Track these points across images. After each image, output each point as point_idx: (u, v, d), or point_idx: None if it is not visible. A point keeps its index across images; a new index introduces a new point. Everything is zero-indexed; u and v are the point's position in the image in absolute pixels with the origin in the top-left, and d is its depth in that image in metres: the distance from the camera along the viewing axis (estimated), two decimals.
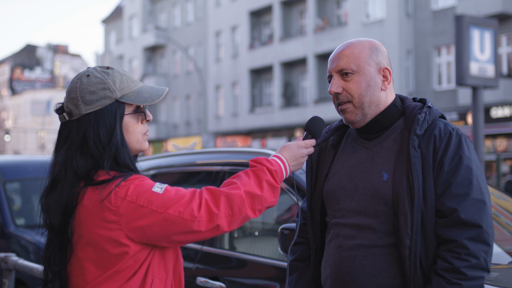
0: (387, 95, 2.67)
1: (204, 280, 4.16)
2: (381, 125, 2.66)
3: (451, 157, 2.47)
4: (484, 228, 2.39)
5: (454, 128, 2.54)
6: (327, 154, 2.81)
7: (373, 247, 2.54)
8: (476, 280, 2.37)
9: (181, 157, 5.53)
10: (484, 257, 2.38)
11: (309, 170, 2.85)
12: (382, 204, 2.53)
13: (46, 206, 2.31)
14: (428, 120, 2.55)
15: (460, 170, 2.45)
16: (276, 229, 4.93)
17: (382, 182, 2.54)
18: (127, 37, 57.23)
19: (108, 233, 2.19)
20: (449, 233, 2.41)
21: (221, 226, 2.22)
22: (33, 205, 8.78)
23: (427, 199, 2.45)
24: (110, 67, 2.39)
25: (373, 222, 2.55)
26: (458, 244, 2.38)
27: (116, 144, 2.28)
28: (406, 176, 2.48)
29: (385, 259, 2.51)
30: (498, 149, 28.10)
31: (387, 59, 2.68)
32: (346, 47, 2.67)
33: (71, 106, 2.32)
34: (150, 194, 2.19)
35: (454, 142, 2.49)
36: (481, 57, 14.67)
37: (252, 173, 2.35)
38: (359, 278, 2.54)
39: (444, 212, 2.43)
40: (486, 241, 2.39)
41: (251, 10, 42.37)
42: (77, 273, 2.27)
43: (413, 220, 2.44)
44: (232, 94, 44.26)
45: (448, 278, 2.37)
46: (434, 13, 30.82)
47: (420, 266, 2.46)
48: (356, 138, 2.74)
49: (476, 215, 2.40)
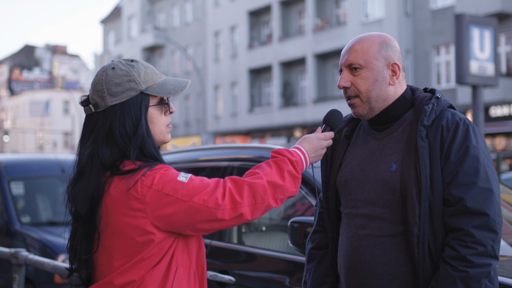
0: (396, 89, 2.70)
1: (213, 274, 4.20)
2: (391, 116, 2.70)
3: (458, 146, 2.50)
4: (490, 216, 2.42)
5: (462, 118, 2.57)
6: (340, 145, 2.85)
7: (383, 236, 2.58)
8: (483, 267, 2.40)
9: (186, 153, 5.55)
10: (491, 245, 2.41)
11: (324, 160, 2.90)
12: (391, 194, 2.57)
13: (73, 196, 2.35)
14: (436, 110, 2.59)
15: (467, 160, 2.48)
16: (282, 224, 4.98)
17: (391, 173, 2.59)
18: (125, 37, 57.19)
19: (134, 221, 2.24)
20: (456, 222, 2.44)
21: (244, 215, 2.27)
22: (37, 203, 8.83)
23: (434, 189, 2.49)
24: (135, 60, 2.44)
25: (383, 211, 2.59)
26: (465, 232, 2.41)
27: (142, 135, 2.33)
28: (413, 166, 2.52)
29: (395, 248, 2.56)
30: (497, 148, 28.14)
31: (397, 54, 2.71)
32: (356, 42, 2.72)
33: (97, 98, 2.37)
34: (175, 183, 2.24)
35: (461, 131, 2.52)
36: (481, 55, 14.70)
37: (274, 163, 2.40)
38: (370, 267, 2.59)
39: (451, 201, 2.47)
40: (493, 229, 2.42)
41: (250, 10, 42.37)
42: (103, 261, 2.32)
43: (420, 209, 2.48)
44: (231, 94, 44.26)
45: (455, 265, 2.41)
46: (433, 13, 30.85)
47: (429, 254, 2.50)
48: (367, 129, 2.79)
49: (482, 203, 2.43)
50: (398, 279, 2.55)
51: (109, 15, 63.86)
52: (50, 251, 7.56)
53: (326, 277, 2.88)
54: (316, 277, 2.89)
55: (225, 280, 4.15)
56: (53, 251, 7.54)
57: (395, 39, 2.77)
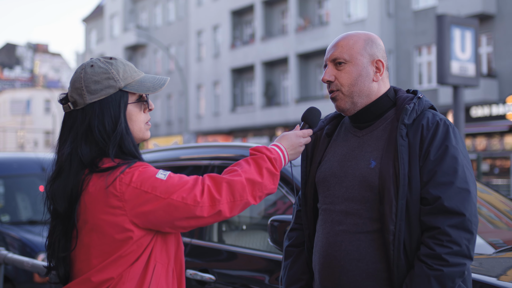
0: (379, 86, 2.72)
1: (193, 272, 4.20)
2: (372, 114, 2.72)
3: (437, 146, 2.52)
4: (467, 216, 2.43)
5: (442, 119, 2.59)
6: (321, 142, 2.87)
7: (358, 233, 2.59)
8: (457, 266, 2.41)
9: (167, 152, 5.54)
10: (466, 245, 2.42)
11: (304, 157, 2.91)
12: (369, 191, 2.59)
13: (51, 194, 2.35)
14: (417, 110, 2.61)
15: (446, 159, 2.50)
16: (262, 223, 4.98)
17: (370, 170, 2.60)
18: (108, 36, 57.02)
19: (113, 218, 2.24)
20: (433, 220, 2.45)
21: (223, 212, 2.27)
22: (17, 202, 8.77)
23: (412, 187, 2.51)
24: (113, 58, 2.44)
25: (360, 208, 2.61)
26: (441, 231, 2.43)
27: (121, 132, 2.34)
28: (392, 164, 2.54)
29: (370, 244, 2.57)
30: (478, 148, 28.34)
31: (382, 52, 2.74)
32: (342, 38, 2.75)
33: (75, 95, 2.37)
34: (154, 180, 2.25)
35: (441, 132, 2.54)
36: (462, 56, 14.80)
37: (252, 161, 2.41)
38: (345, 263, 2.60)
39: (428, 200, 2.48)
40: (468, 229, 2.43)
41: (233, 10, 42.39)
42: (81, 258, 2.32)
43: (397, 207, 2.49)
44: (213, 94, 44.25)
45: (430, 264, 2.42)
46: (415, 13, 31.00)
47: (404, 252, 2.51)
48: (349, 127, 2.81)
49: (459, 203, 2.44)
50: (372, 276, 2.56)
51: (91, 14, 63.63)
52: (30, 250, 7.51)
53: (302, 275, 2.89)
54: (291, 274, 2.90)
55: (205, 278, 4.15)
56: (32, 250, 7.50)
57: (379, 38, 2.79)
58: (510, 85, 26.95)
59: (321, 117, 2.87)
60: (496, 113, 27.41)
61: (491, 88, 27.21)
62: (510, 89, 26.88)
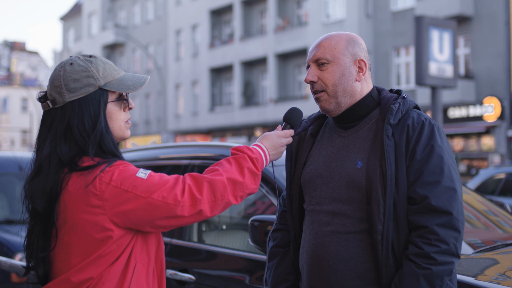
0: (362, 86, 2.73)
1: (173, 272, 4.18)
2: (357, 114, 2.72)
3: (423, 146, 2.53)
4: (454, 215, 2.45)
5: (427, 118, 2.61)
6: (305, 143, 2.87)
7: (347, 233, 2.60)
8: (445, 265, 2.43)
9: (146, 151, 5.51)
10: (454, 243, 2.45)
11: (289, 158, 2.91)
12: (356, 191, 2.59)
13: (30, 193, 2.33)
14: (402, 110, 2.62)
15: (432, 159, 2.51)
16: (242, 223, 4.98)
17: (356, 170, 2.60)
18: (86, 35, 56.73)
19: (93, 217, 2.22)
20: (420, 220, 2.47)
21: (203, 211, 2.27)
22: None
23: (399, 187, 2.52)
24: (93, 56, 2.42)
25: (347, 208, 2.61)
26: (429, 230, 2.44)
27: (101, 131, 2.32)
28: (379, 164, 2.54)
29: (358, 245, 2.58)
30: (455, 149, 28.53)
31: (364, 52, 2.75)
32: (324, 38, 2.75)
33: (54, 94, 2.34)
34: (134, 179, 2.23)
35: (426, 131, 2.56)
36: (440, 57, 14.90)
37: (233, 160, 2.41)
38: (333, 263, 2.60)
39: (415, 199, 2.49)
40: (456, 228, 2.46)
41: (212, 9, 42.33)
42: (61, 258, 2.30)
43: (385, 207, 2.50)
44: (192, 93, 44.17)
45: (419, 262, 2.43)
46: (394, 14, 31.15)
47: (392, 252, 2.52)
48: (333, 128, 2.81)
49: (446, 202, 2.46)
50: (361, 276, 2.57)
51: (69, 12, 63.24)
52: (7, 249, 7.44)
53: (288, 275, 2.89)
54: (277, 274, 2.90)
55: (185, 278, 4.14)
56: (10, 249, 7.43)
57: (361, 38, 2.80)
58: (487, 87, 27.17)
59: (303, 118, 2.87)
60: (473, 114, 27.61)
61: (469, 90, 27.40)
62: (487, 90, 27.10)
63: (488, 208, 4.86)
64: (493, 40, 27.00)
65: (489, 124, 27.04)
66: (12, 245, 7.50)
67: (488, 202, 5.01)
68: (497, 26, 26.91)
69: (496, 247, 3.96)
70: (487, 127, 27.20)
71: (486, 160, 27.43)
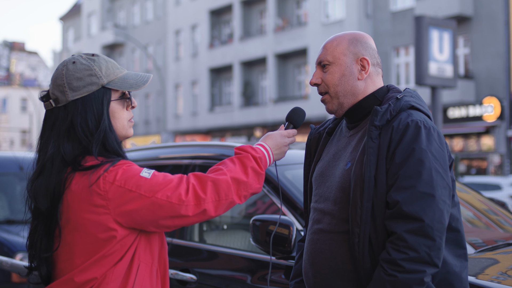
0: (366, 85, 2.70)
1: (174, 272, 4.17)
2: (359, 113, 2.71)
3: (403, 148, 2.46)
4: (426, 222, 2.36)
5: (414, 120, 2.51)
6: (322, 141, 2.89)
7: (331, 232, 2.61)
8: (414, 273, 2.35)
9: (146, 151, 5.51)
10: (426, 251, 2.35)
11: (308, 155, 2.95)
12: (341, 192, 2.59)
13: (33, 192, 2.31)
14: (391, 111, 2.55)
15: (410, 162, 2.43)
16: (244, 223, 4.97)
17: (345, 171, 2.61)
18: (85, 35, 56.71)
19: (96, 217, 2.21)
20: (392, 225, 2.41)
21: (208, 211, 2.26)
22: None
23: (378, 190, 2.47)
24: (96, 54, 2.41)
25: (334, 208, 2.62)
26: (398, 236, 2.38)
27: (104, 130, 2.31)
28: (361, 166, 2.52)
29: (341, 245, 2.57)
30: (455, 149, 28.54)
31: (369, 50, 2.71)
32: (328, 40, 2.75)
33: (57, 93, 2.33)
34: (138, 179, 2.22)
35: (410, 133, 2.47)
36: (440, 57, 14.90)
37: (237, 160, 2.40)
38: (318, 261, 2.63)
39: (390, 204, 2.44)
40: (428, 235, 2.36)
41: (211, 9, 42.33)
42: (64, 258, 2.29)
43: (362, 209, 2.47)
44: (191, 93, 44.16)
45: (386, 268, 2.38)
46: (393, 14, 31.15)
47: (371, 254, 2.48)
48: (344, 127, 2.82)
49: (419, 208, 2.38)
50: (342, 276, 2.56)
51: (68, 12, 63.21)
52: (7, 249, 7.43)
53: None
54: (296, 268, 2.97)
55: (186, 278, 4.13)
56: (10, 249, 7.42)
57: (371, 38, 2.77)
58: (487, 87, 27.18)
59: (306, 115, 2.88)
60: (473, 114, 27.62)
61: (468, 90, 27.41)
62: (487, 90, 27.11)
63: (489, 208, 4.86)
64: (493, 40, 27.01)
65: (488, 124, 27.06)
66: (12, 245, 7.50)
67: (489, 201, 5.01)
68: (496, 26, 26.92)
69: (497, 247, 3.97)
70: (487, 127, 27.21)
71: (485, 160, 27.44)
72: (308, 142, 2.95)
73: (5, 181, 8.99)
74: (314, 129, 2.98)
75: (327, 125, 2.93)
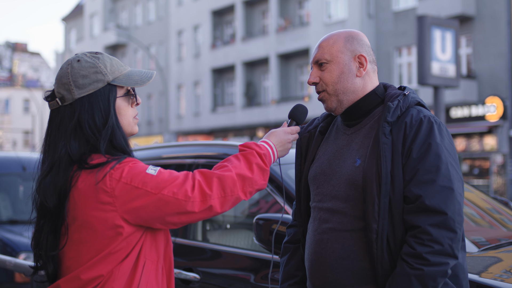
0: (365, 82, 2.72)
1: (178, 271, 4.18)
2: (360, 111, 2.72)
3: (420, 144, 2.50)
4: (449, 215, 2.41)
5: (427, 115, 2.57)
6: (315, 140, 2.88)
7: (344, 231, 2.60)
8: (439, 266, 2.40)
9: (149, 151, 5.52)
10: (449, 244, 2.40)
11: (299, 155, 2.93)
12: (353, 189, 2.59)
13: (42, 190, 2.32)
14: (401, 107, 2.59)
15: (428, 157, 2.48)
16: (247, 222, 4.98)
17: (355, 168, 2.60)
18: (87, 36, 56.76)
19: (103, 214, 2.23)
20: (414, 219, 2.44)
21: (214, 207, 2.27)
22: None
23: (395, 185, 2.50)
24: (99, 52, 2.43)
25: (345, 206, 2.61)
26: (422, 230, 2.41)
27: (112, 126, 2.33)
28: (376, 162, 2.53)
29: (355, 243, 2.57)
30: (458, 148, 28.51)
31: (365, 48, 2.73)
32: (324, 39, 2.76)
33: (63, 91, 2.34)
34: (144, 176, 2.24)
35: (424, 129, 2.52)
36: (443, 57, 14.89)
37: (242, 156, 2.42)
38: (330, 261, 2.61)
39: (410, 198, 2.47)
40: (451, 228, 2.41)
41: (213, 10, 42.32)
42: (70, 255, 2.30)
43: (380, 205, 2.48)
44: (194, 94, 44.16)
45: (411, 263, 2.41)
46: (395, 14, 31.13)
47: (388, 251, 2.50)
48: (340, 125, 2.82)
49: (441, 201, 2.42)
50: (357, 275, 2.56)
51: (70, 13, 63.25)
52: (11, 249, 7.44)
53: (296, 271, 2.91)
54: (287, 270, 2.93)
55: (189, 277, 4.14)
56: (13, 249, 7.43)
57: (365, 35, 2.79)
58: (490, 86, 27.15)
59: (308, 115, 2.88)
60: (476, 114, 27.58)
61: (471, 89, 27.38)
62: (490, 90, 27.08)
63: (492, 206, 4.87)
64: (495, 39, 26.98)
65: (491, 123, 27.02)
66: (15, 245, 7.51)
67: (492, 200, 5.01)
68: (499, 25, 26.88)
69: (500, 246, 3.97)
70: (489, 126, 27.17)
71: (488, 160, 27.41)
72: (299, 141, 2.94)
73: (8, 181, 9.00)
74: (303, 129, 2.97)
75: (317, 124, 2.93)
